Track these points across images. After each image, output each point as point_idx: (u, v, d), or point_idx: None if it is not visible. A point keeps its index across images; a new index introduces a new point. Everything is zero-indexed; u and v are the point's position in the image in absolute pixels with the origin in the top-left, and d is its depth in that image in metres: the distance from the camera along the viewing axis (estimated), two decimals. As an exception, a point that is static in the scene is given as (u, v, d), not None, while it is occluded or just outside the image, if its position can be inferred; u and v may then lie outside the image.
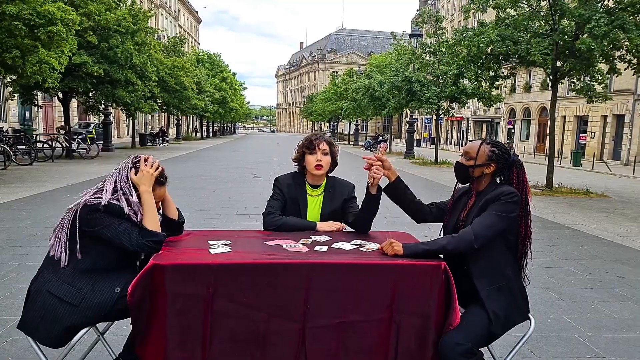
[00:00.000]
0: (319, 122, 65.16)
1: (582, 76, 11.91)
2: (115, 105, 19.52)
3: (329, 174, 2.77)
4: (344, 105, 35.78)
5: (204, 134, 49.75)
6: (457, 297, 2.07)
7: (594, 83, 11.69)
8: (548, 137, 12.43)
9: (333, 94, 43.88)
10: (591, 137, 28.15)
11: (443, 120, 45.38)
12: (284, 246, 2.24)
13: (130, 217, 2.09)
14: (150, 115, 40.35)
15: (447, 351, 1.99)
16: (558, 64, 11.36)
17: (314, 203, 2.72)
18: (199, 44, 70.44)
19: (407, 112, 33.91)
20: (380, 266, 2.05)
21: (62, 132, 18.35)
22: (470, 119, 46.57)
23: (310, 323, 2.02)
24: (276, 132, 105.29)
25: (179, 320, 1.97)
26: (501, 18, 11.63)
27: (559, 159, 24.57)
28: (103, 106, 19.90)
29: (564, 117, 31.13)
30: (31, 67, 10.64)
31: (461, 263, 2.21)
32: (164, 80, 23.42)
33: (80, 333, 2.05)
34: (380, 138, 32.58)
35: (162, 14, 49.63)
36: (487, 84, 13.60)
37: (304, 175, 2.74)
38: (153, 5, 44.64)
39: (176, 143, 34.44)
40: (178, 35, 36.33)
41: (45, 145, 16.41)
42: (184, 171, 14.00)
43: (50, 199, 8.30)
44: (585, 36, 10.20)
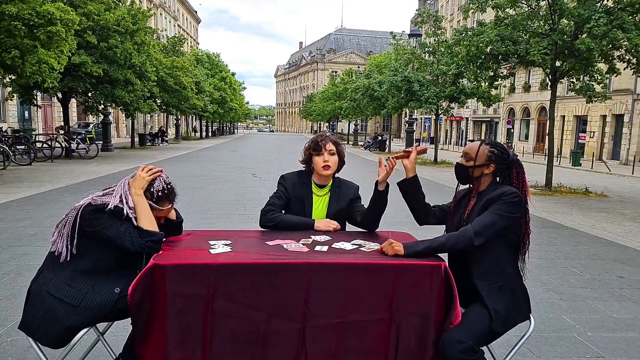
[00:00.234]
0: (318, 122, 65.17)
1: (582, 76, 11.92)
2: (114, 105, 19.51)
3: (336, 174, 2.78)
4: (343, 105, 35.79)
5: (203, 134, 49.73)
6: (459, 296, 2.07)
7: (593, 83, 11.71)
8: (547, 137, 12.45)
9: (332, 94, 43.90)
10: (590, 137, 28.14)
11: (442, 120, 45.44)
12: (285, 246, 2.24)
13: (130, 219, 2.10)
14: (149, 115, 40.34)
15: (448, 349, 1.99)
16: (557, 64, 11.37)
17: (320, 202, 2.72)
18: (198, 44, 70.42)
19: (407, 112, 33.99)
20: (380, 266, 2.05)
21: (62, 132, 18.30)
22: (469, 119, 46.61)
23: (310, 323, 2.02)
24: (275, 132, 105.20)
25: (179, 320, 1.97)
26: (500, 18, 11.64)
27: (558, 159, 24.59)
28: (102, 106, 19.86)
29: (563, 117, 31.15)
30: (30, 67, 10.62)
31: (462, 262, 2.22)
32: (163, 80, 23.39)
33: (80, 333, 2.05)
34: (379, 138, 32.54)
35: (162, 14, 49.61)
36: (487, 84, 13.60)
37: (310, 174, 2.75)
38: (152, 5, 44.63)
39: (175, 143, 34.42)
40: (177, 35, 36.31)
41: (44, 145, 16.40)
42: (184, 171, 13.98)
43: (49, 199, 8.29)
44: (584, 36, 10.20)
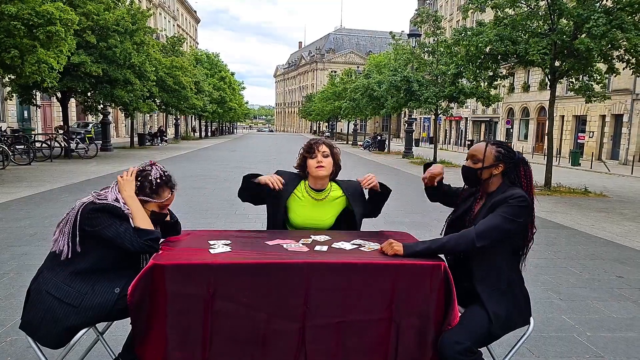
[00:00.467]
0: (318, 122, 65.15)
1: (581, 76, 11.90)
2: (113, 105, 19.49)
3: (334, 179, 2.76)
4: (343, 104, 35.77)
5: (203, 134, 49.70)
6: (458, 296, 2.08)
7: (593, 83, 11.70)
8: (546, 137, 12.45)
9: (332, 94, 43.84)
10: (589, 137, 28.13)
11: (441, 119, 45.44)
12: (284, 246, 2.24)
13: (129, 219, 2.11)
14: (148, 115, 40.33)
15: (446, 349, 1.99)
16: (556, 64, 11.35)
17: (319, 207, 2.70)
18: (198, 44, 70.39)
19: (406, 112, 33.97)
20: (380, 266, 2.05)
21: (61, 132, 18.31)
22: (468, 119, 46.61)
23: (310, 323, 2.02)
24: (275, 132, 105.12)
25: (179, 320, 1.97)
26: (500, 18, 11.62)
27: (558, 159, 24.60)
28: (102, 106, 19.87)
29: (563, 117, 31.15)
30: (30, 67, 10.60)
31: (463, 263, 2.23)
32: (163, 80, 23.39)
33: (79, 333, 2.05)
34: (379, 138, 32.52)
35: (161, 14, 49.58)
36: (486, 84, 13.61)
37: (306, 179, 2.74)
38: (152, 4, 44.59)
39: (175, 143, 34.39)
40: (177, 34, 36.33)
41: (43, 145, 16.38)
42: (183, 171, 13.98)
43: (49, 199, 8.29)
44: (583, 36, 10.19)
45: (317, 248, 2.23)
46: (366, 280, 2.03)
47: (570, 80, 12.98)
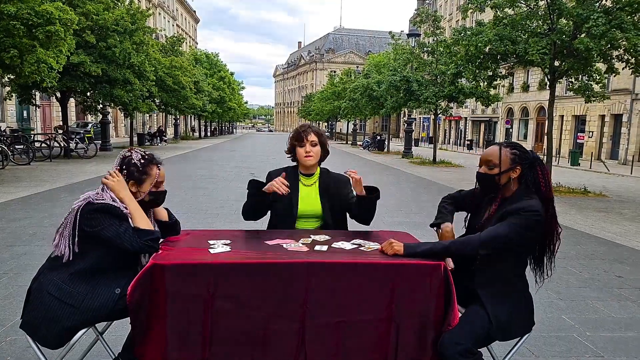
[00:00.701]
0: (317, 122, 65.09)
1: (580, 76, 11.89)
2: (113, 104, 19.49)
3: (322, 165, 2.84)
4: (342, 104, 35.74)
5: (202, 134, 49.67)
6: (459, 296, 2.08)
7: (592, 82, 11.69)
8: (546, 137, 12.43)
9: (331, 94, 43.76)
10: (589, 137, 28.14)
11: (441, 119, 45.40)
12: (284, 246, 2.24)
13: (128, 219, 2.10)
14: (148, 114, 40.26)
15: (446, 350, 1.99)
16: (556, 64, 11.34)
17: (308, 192, 2.75)
18: (197, 44, 70.35)
19: (405, 112, 33.96)
20: (380, 265, 2.05)
21: (60, 132, 18.28)
22: (468, 119, 46.63)
23: (310, 323, 2.02)
24: (274, 132, 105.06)
25: (179, 320, 1.96)
26: (499, 17, 11.60)
27: (557, 159, 24.60)
28: (101, 106, 19.84)
29: (562, 117, 31.16)
30: (29, 67, 10.59)
31: (465, 262, 2.20)
32: (162, 79, 23.36)
33: (79, 333, 2.05)
34: (378, 138, 32.52)
35: (160, 14, 49.55)
36: (485, 84, 13.60)
37: (297, 167, 2.80)
38: (151, 4, 44.57)
39: (174, 143, 34.36)
40: (176, 34, 36.32)
41: (43, 144, 16.38)
42: (183, 171, 13.97)
43: (48, 199, 8.28)
44: (583, 36, 10.18)
45: (317, 248, 2.22)
46: (366, 280, 2.02)
47: (569, 80, 12.99)
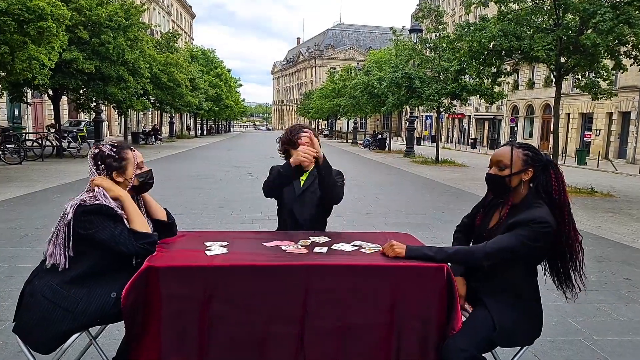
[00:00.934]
0: (316, 120, 64.98)
1: (587, 72, 11.98)
2: (106, 102, 19.41)
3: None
4: (342, 102, 35.55)
5: (198, 133, 49.51)
6: (468, 295, 2.10)
7: (599, 79, 11.68)
8: (552, 135, 12.46)
9: (331, 91, 43.64)
10: (596, 135, 27.91)
11: (444, 117, 45.37)
12: (283, 247, 2.23)
13: (123, 220, 2.07)
14: (142, 112, 40.23)
15: (451, 356, 1.95)
16: (562, 60, 11.35)
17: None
18: (193, 40, 70.16)
19: (407, 110, 33.73)
20: (380, 268, 2.03)
21: (52, 131, 18.22)
22: (471, 117, 46.40)
23: (309, 327, 1.99)
24: (272, 130, 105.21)
25: (175, 324, 1.94)
26: (503, 13, 11.64)
27: (563, 157, 24.63)
28: (94, 103, 19.73)
29: (568, 115, 30.95)
30: (20, 64, 10.64)
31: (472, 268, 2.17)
32: (157, 76, 23.42)
33: (72, 338, 2.02)
34: (379, 136, 32.35)
35: (155, 9, 49.28)
36: (489, 81, 13.77)
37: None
38: None
39: (169, 141, 34.21)
40: (171, 30, 36.13)
41: (34, 144, 16.34)
42: (178, 170, 13.90)
43: (40, 199, 8.22)
44: (590, 31, 10.16)
45: (317, 250, 2.21)
46: (367, 282, 2.01)
47: (576, 76, 12.98)
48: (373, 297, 2.01)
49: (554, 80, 11.84)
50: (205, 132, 53.30)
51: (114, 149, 2.16)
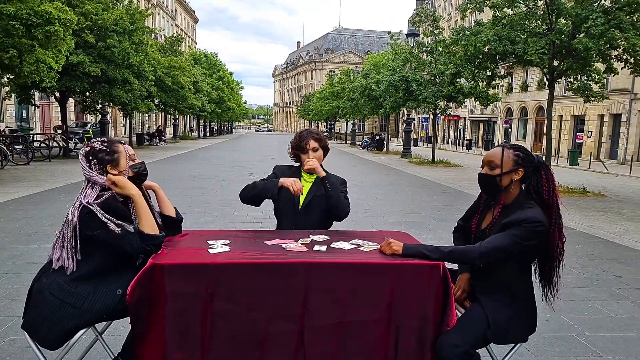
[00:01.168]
0: (316, 122, 65.08)
1: (579, 75, 11.89)
2: (112, 104, 19.48)
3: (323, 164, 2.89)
4: (341, 104, 35.70)
5: (201, 134, 49.63)
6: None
7: (591, 82, 11.67)
8: (545, 137, 12.40)
9: (330, 94, 43.70)
10: (588, 137, 28.15)
11: (440, 119, 45.46)
12: (283, 246, 2.24)
13: (128, 217, 2.09)
14: (147, 114, 40.22)
15: (444, 352, 1.98)
16: (555, 64, 11.34)
17: (309, 187, 2.82)
18: (196, 44, 70.27)
19: (404, 112, 33.84)
20: (379, 266, 2.04)
21: (59, 132, 18.30)
22: (467, 119, 46.58)
23: (309, 324, 2.01)
24: (273, 132, 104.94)
25: (178, 321, 1.95)
26: (498, 17, 11.61)
27: (556, 158, 24.62)
28: (100, 106, 19.84)
29: (561, 117, 31.14)
30: (28, 67, 10.58)
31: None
32: (161, 79, 23.35)
33: (79, 333, 2.04)
34: (377, 137, 32.51)
35: (159, 13, 49.49)
36: (484, 84, 13.62)
37: (300, 166, 2.86)
38: (150, 4, 44.52)
39: (173, 142, 34.27)
40: (175, 34, 36.29)
41: (42, 144, 16.38)
42: (182, 171, 13.94)
43: (47, 199, 8.27)
44: (582, 36, 10.19)
45: (316, 248, 2.22)
46: (365, 280, 2.02)
47: (568, 80, 12.99)
48: (371, 294, 2.02)
49: (547, 83, 11.81)
50: (208, 134, 53.31)
51: (105, 144, 2.16)
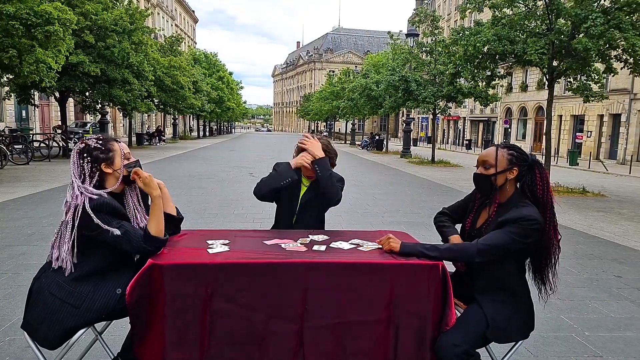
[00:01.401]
0: (316, 122, 65.13)
1: (579, 75, 11.91)
2: (112, 104, 19.47)
3: None
4: (341, 104, 35.74)
5: (201, 134, 49.64)
6: (462, 293, 2.10)
7: (591, 82, 11.68)
8: (544, 137, 12.44)
9: (330, 94, 43.74)
10: (587, 137, 28.19)
11: (439, 119, 45.52)
12: (283, 245, 2.24)
13: (127, 217, 2.08)
14: (147, 114, 40.26)
15: (444, 352, 1.98)
16: (554, 64, 11.34)
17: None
18: (196, 44, 70.27)
19: (404, 112, 33.95)
20: (378, 265, 2.04)
21: (59, 132, 18.26)
22: (466, 119, 46.62)
23: (308, 323, 2.01)
24: (273, 132, 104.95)
25: (177, 320, 1.96)
26: (497, 17, 11.62)
27: (556, 158, 24.62)
28: (100, 105, 19.81)
29: (561, 117, 31.18)
30: (28, 67, 10.57)
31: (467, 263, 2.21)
32: (161, 79, 23.35)
33: (78, 333, 2.04)
34: (377, 137, 32.53)
35: (159, 13, 49.49)
36: (484, 84, 13.63)
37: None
38: (150, 4, 44.52)
39: (173, 142, 34.28)
40: (175, 34, 36.28)
41: (42, 144, 16.36)
42: (181, 170, 13.95)
43: (47, 199, 8.27)
44: (581, 36, 10.19)
45: (316, 248, 2.23)
46: (364, 280, 2.02)
47: (568, 80, 13.00)
48: (371, 294, 2.02)
49: (547, 83, 11.82)
50: (207, 134, 53.32)
51: (100, 141, 2.12)
